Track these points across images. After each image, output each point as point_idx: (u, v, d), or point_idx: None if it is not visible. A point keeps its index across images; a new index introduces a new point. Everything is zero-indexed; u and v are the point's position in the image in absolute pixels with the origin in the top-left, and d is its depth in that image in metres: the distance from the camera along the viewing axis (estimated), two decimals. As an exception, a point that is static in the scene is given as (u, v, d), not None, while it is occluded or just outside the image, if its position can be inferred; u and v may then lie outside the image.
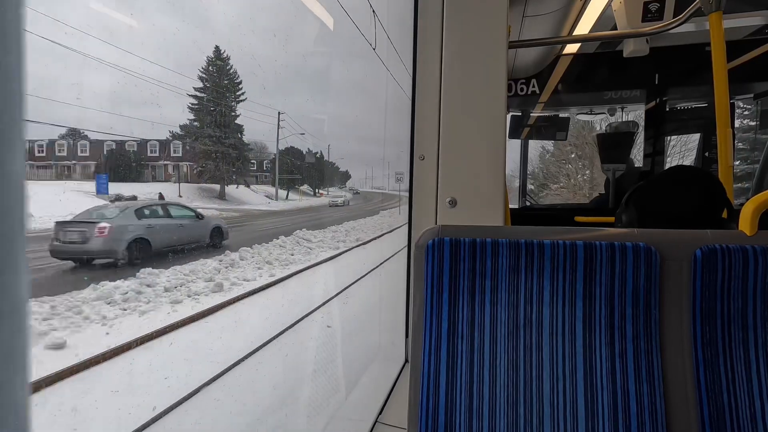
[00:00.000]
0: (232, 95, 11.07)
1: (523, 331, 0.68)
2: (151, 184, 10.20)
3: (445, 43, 1.18)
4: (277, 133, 13.79)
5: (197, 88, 10.46)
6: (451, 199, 1.19)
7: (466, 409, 0.68)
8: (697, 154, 3.08)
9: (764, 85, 2.75)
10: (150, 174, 10.54)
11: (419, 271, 0.73)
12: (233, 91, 11.14)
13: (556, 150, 15.18)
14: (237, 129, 11.40)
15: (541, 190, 15.72)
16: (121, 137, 9.40)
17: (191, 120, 10.40)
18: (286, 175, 18.45)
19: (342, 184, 26.18)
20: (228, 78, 10.80)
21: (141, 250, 4.49)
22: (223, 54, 10.81)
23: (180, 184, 10.60)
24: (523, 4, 2.04)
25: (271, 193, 16.94)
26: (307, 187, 23.32)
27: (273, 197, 16.69)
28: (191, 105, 10.38)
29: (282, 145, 16.41)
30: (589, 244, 0.67)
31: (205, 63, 10.57)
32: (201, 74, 10.75)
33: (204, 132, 10.69)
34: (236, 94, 11.42)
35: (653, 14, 1.81)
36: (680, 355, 0.65)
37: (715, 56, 1.49)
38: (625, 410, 0.64)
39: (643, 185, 1.32)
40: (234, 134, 11.27)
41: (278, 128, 13.76)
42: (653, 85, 2.81)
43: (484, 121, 1.16)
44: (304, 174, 21.41)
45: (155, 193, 9.61)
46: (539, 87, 3.02)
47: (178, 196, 10.64)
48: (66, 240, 3.98)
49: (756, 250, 0.64)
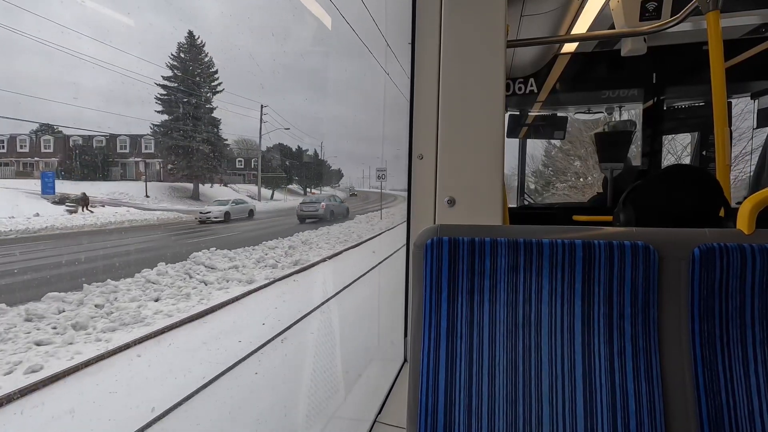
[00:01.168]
0: (206, 85, 10.16)
1: (522, 330, 0.68)
2: (119, 183, 9.44)
3: (443, 42, 1.18)
4: (259, 128, 12.73)
5: (166, 77, 9.46)
6: (450, 199, 1.19)
7: (466, 409, 0.68)
8: (694, 153, 3.09)
9: (761, 84, 2.76)
10: (118, 172, 9.64)
11: (418, 271, 0.73)
12: (208, 81, 10.21)
13: (565, 144, 13.88)
14: (212, 122, 10.42)
15: (546, 189, 14.50)
16: (89, 132, 8.54)
17: (158, 111, 9.40)
18: (271, 173, 17.93)
19: (335, 182, 25.75)
20: (202, 66, 9.82)
21: (331, 216, 11.42)
22: (197, 40, 9.83)
23: (147, 182, 9.75)
24: (521, 3, 2.05)
25: (255, 193, 16.12)
26: (298, 187, 22.63)
27: (256, 197, 15.86)
28: (159, 96, 9.44)
29: (269, 142, 15.62)
30: (587, 243, 0.67)
31: (175, 49, 9.45)
32: (171, 62, 9.65)
33: (173, 125, 9.73)
34: (211, 85, 10.42)
35: (651, 13, 1.82)
36: (679, 353, 0.65)
37: (713, 55, 1.49)
38: (623, 409, 0.64)
39: (641, 184, 1.32)
40: (208, 128, 10.27)
41: (261, 122, 12.70)
42: (651, 84, 2.81)
43: (483, 120, 1.16)
44: (292, 172, 20.69)
45: (120, 192, 9.03)
46: (537, 86, 3.03)
47: (144, 196, 9.75)
48: (304, 210, 11.19)
49: (754, 248, 0.64)
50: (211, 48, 9.70)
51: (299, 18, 11.22)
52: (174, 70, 9.60)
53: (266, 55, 11.23)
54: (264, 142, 15.45)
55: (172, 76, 9.57)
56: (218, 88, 10.50)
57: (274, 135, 15.92)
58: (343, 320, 5.07)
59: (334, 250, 8.83)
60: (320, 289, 6.24)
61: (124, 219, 7.71)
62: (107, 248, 6.27)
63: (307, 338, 4.83)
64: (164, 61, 9.26)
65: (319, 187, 24.02)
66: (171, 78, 9.56)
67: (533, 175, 14.51)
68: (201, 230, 9.14)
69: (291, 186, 22.69)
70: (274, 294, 5.69)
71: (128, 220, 7.73)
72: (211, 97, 10.48)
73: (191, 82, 9.70)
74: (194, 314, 4.41)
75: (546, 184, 14.80)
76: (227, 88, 10.45)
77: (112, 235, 7.08)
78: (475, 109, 1.16)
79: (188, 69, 9.73)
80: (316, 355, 4.10)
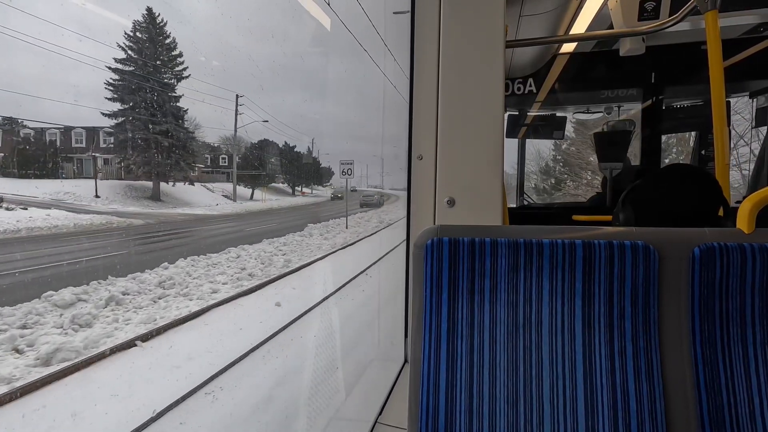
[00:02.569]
0: (168, 70, 8.57)
1: (523, 331, 0.68)
2: (67, 182, 8.11)
3: (443, 42, 1.18)
4: (235, 121, 11.00)
5: (119, 59, 7.99)
6: (450, 199, 1.19)
7: (466, 409, 0.67)
8: (693, 153, 3.10)
9: (760, 83, 2.77)
10: (71, 169, 8.34)
11: (418, 271, 0.73)
12: (170, 66, 8.62)
13: (581, 134, 11.73)
14: (174, 113, 8.81)
15: (557, 188, 12.34)
16: (41, 124, 7.40)
17: (109, 99, 7.93)
18: (251, 170, 16.72)
19: (327, 181, 25.12)
20: (162, 48, 8.20)
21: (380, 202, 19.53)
22: (157, 18, 8.28)
23: (98, 181, 8.46)
24: (520, 3, 2.05)
25: (238, 192, 14.81)
26: (286, 186, 21.58)
27: (232, 196, 14.52)
28: (111, 81, 7.89)
29: (252, 137, 13.98)
30: (587, 243, 0.67)
31: (130, 28, 7.96)
32: (125, 42, 7.96)
33: (127, 115, 8.12)
34: (175, 70, 8.81)
35: (649, 13, 1.82)
36: (679, 352, 0.65)
37: (711, 55, 1.49)
38: (624, 408, 0.64)
39: (640, 184, 1.33)
40: (168, 118, 8.62)
41: (236, 114, 10.94)
42: (650, 83, 2.82)
43: (482, 120, 1.16)
44: (279, 170, 19.82)
45: (66, 191, 7.92)
46: (536, 86, 3.03)
47: (94, 196, 8.43)
48: (365, 200, 19.48)
49: (754, 247, 0.64)
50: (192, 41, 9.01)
51: (297, 19, 11.06)
52: (129, 51, 8.14)
53: (260, 54, 10.93)
54: (247, 138, 14.19)
55: (126, 58, 8.16)
56: (183, 74, 8.99)
57: (264, 131, 15.18)
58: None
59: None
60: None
61: (45, 225, 6.59)
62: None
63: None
64: (117, 41, 7.81)
65: (311, 186, 23.26)
66: (125, 61, 8.14)
67: (541, 172, 12.85)
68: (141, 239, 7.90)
69: (279, 185, 21.70)
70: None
71: (52, 226, 6.69)
72: (175, 84, 8.93)
73: (149, 65, 8.27)
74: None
75: (557, 183, 12.71)
76: (216, 82, 9.60)
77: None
78: (474, 109, 1.16)
79: (145, 51, 8.25)
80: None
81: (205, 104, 10.40)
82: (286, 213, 15.53)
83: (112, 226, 8.08)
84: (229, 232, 10.35)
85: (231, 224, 11.28)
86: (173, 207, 10.42)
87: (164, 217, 9.57)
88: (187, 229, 9.75)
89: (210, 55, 10.40)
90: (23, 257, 5.80)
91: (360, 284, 6.97)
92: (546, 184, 12.90)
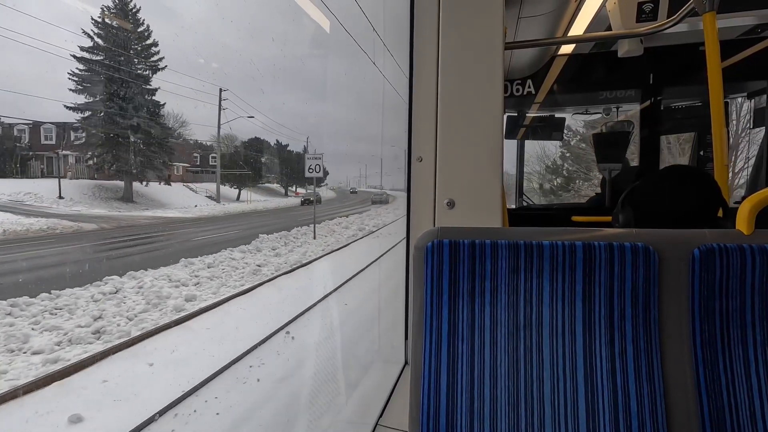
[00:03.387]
0: (142, 61, 7.53)
1: (523, 332, 0.68)
2: (29, 181, 7.15)
3: (442, 45, 1.18)
4: (218, 116, 10.07)
5: (86, 47, 7.08)
6: (449, 201, 1.19)
7: (467, 411, 0.67)
8: (692, 153, 3.10)
9: (758, 84, 2.78)
10: (39, 167, 7.40)
11: (419, 273, 0.73)
12: (145, 56, 7.60)
13: (596, 124, 9.62)
14: (148, 107, 7.82)
15: (566, 188, 10.65)
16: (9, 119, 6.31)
17: (73, 90, 7.01)
18: (237, 170, 15.73)
19: (322, 181, 24.82)
20: (133, 37, 7.11)
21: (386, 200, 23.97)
22: (129, 5, 7.15)
23: (61, 181, 7.57)
24: (518, 5, 2.05)
25: (225, 193, 13.73)
26: (278, 186, 20.51)
27: (216, 197, 13.47)
28: (76, 72, 6.96)
29: (241, 135, 13.21)
30: (588, 244, 0.67)
31: (98, 15, 6.91)
32: (93, 30, 6.89)
33: (95, 109, 7.03)
34: (150, 61, 7.83)
35: (647, 15, 1.83)
36: (680, 354, 0.66)
37: (710, 56, 1.50)
38: (625, 410, 0.64)
39: (639, 185, 1.33)
40: (142, 113, 7.56)
41: (219, 109, 9.94)
42: (648, 84, 2.82)
43: (481, 122, 1.16)
44: (270, 169, 18.93)
45: (26, 191, 7.10)
46: (535, 87, 3.04)
47: (57, 197, 7.62)
48: (375, 197, 25.13)
49: (753, 248, 0.64)
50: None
51: (295, 19, 10.96)
52: (97, 39, 7.12)
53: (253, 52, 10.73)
54: (237, 136, 13.30)
55: (93, 46, 7.24)
56: (159, 65, 7.98)
57: (257, 130, 14.71)
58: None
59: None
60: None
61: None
62: None
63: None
64: (82, 27, 6.75)
65: (305, 186, 22.59)
66: (92, 49, 7.22)
67: (548, 171, 11.51)
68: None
69: (272, 185, 20.58)
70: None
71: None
72: (150, 76, 8.03)
73: (120, 55, 7.28)
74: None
75: (567, 182, 10.95)
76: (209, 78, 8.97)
77: None
78: (473, 111, 1.17)
79: (116, 39, 7.25)
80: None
81: (193, 101, 9.73)
82: (265, 216, 14.44)
83: (55, 232, 7.24)
84: (186, 240, 9.08)
85: (194, 230, 10.16)
86: (145, 209, 9.44)
87: (127, 220, 8.57)
88: (140, 236, 8.52)
89: (200, 51, 10.26)
90: None
91: (271, 354, 4.40)
92: (553, 183, 11.43)
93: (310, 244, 10.10)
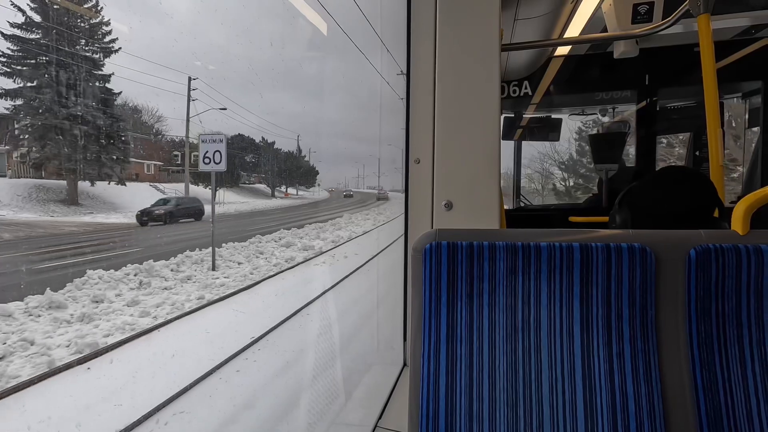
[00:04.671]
0: (92, 42, 6.62)
1: (522, 334, 0.68)
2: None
3: (438, 47, 1.19)
4: (187, 108, 8.51)
5: (16, 24, 5.91)
6: (447, 202, 1.19)
7: (466, 412, 0.68)
8: (688, 154, 3.12)
9: (752, 85, 2.80)
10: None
11: (417, 275, 0.73)
12: (94, 37, 6.64)
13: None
14: (97, 94, 6.87)
15: (585, 188, 8.41)
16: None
17: (1, 74, 5.92)
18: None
19: (311, 182, 23.54)
20: (79, 15, 6.16)
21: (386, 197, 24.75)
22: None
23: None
24: (515, 7, 2.06)
25: (200, 194, 12.30)
26: (265, 186, 19.18)
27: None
28: (5, 52, 5.85)
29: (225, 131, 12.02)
30: (585, 245, 0.68)
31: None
32: (29, 3, 5.90)
33: (29, 96, 6.06)
34: (102, 43, 6.77)
35: (642, 16, 1.84)
36: (677, 354, 0.66)
37: (704, 57, 1.51)
38: (623, 410, 0.64)
39: (636, 186, 1.34)
40: (89, 101, 6.56)
41: (189, 100, 8.43)
42: (644, 85, 2.84)
43: (479, 123, 1.16)
44: (251, 169, 17.06)
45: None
46: (531, 88, 3.05)
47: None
48: (379, 195, 25.78)
49: (749, 249, 0.65)
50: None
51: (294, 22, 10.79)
52: (33, 15, 6.02)
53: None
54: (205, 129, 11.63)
55: (25, 23, 6.10)
56: (113, 47, 6.92)
57: (237, 126, 13.12)
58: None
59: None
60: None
61: None
62: None
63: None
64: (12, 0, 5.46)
65: (296, 186, 21.37)
66: (25, 26, 6.14)
67: (561, 168, 10.11)
68: None
69: (259, 185, 19.13)
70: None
71: None
72: (101, 60, 7.02)
73: (61, 34, 6.25)
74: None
75: (585, 180, 8.90)
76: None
77: None
78: (470, 112, 1.17)
79: (58, 16, 6.27)
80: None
81: (173, 96, 8.81)
82: (227, 220, 12.44)
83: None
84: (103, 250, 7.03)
85: (123, 240, 7.76)
86: (88, 213, 8.09)
87: (48, 227, 6.96)
88: (46, 248, 6.53)
89: (198, 54, 9.95)
90: None
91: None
92: (568, 183, 10.07)
93: (189, 287, 6.23)
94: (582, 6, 2.16)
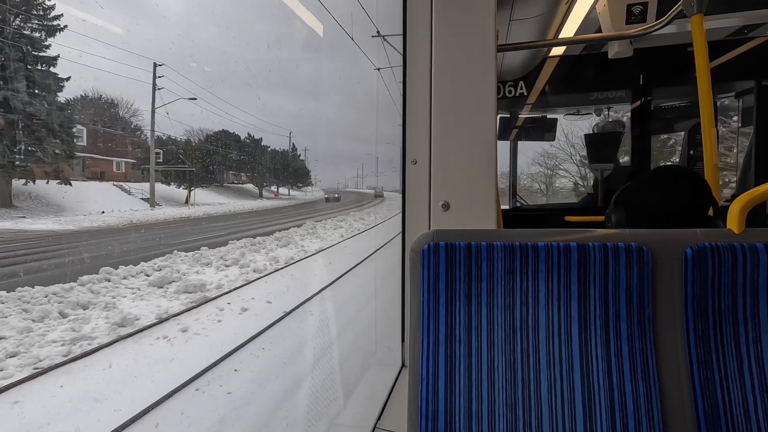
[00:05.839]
0: (29, 15, 5.59)
1: (520, 333, 0.68)
2: None
3: (435, 47, 1.19)
4: (152, 96, 7.51)
5: None
6: (444, 203, 1.19)
7: (466, 413, 0.68)
8: (682, 153, 3.14)
9: (745, 84, 2.82)
10: None
11: (415, 276, 0.73)
12: (31, 12, 5.59)
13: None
14: (33, 78, 5.65)
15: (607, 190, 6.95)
16: None
17: None
18: (180, 165, 12.19)
19: (303, 182, 22.46)
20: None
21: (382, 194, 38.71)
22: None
23: None
24: (510, 7, 2.07)
25: (172, 195, 10.84)
26: (253, 186, 17.01)
27: (151, 200, 10.58)
28: None
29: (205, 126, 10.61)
30: (582, 245, 0.68)
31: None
32: None
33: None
34: (46, 18, 5.78)
35: (636, 17, 1.85)
36: (674, 352, 0.66)
37: (698, 56, 1.52)
38: (622, 409, 0.64)
39: (632, 185, 1.34)
40: (20, 86, 5.39)
41: (154, 88, 7.42)
42: (638, 85, 2.86)
43: (475, 123, 1.16)
44: (233, 166, 15.43)
45: None
46: (527, 89, 3.06)
47: None
48: (377, 192, 41.56)
49: (744, 247, 0.65)
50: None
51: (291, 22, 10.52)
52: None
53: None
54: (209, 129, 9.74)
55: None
56: (58, 23, 5.79)
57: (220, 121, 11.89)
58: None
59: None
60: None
61: None
62: None
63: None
64: None
65: (287, 186, 20.19)
66: None
67: (576, 162, 9.35)
68: None
69: (246, 186, 17.51)
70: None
71: None
72: (43, 37, 5.96)
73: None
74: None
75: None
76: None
77: None
78: (467, 113, 1.17)
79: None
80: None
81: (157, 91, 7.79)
82: (183, 226, 10.90)
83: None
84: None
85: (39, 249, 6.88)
86: (20, 217, 7.02)
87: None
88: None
89: (195, 56, 9.54)
90: None
91: None
92: (586, 183, 8.89)
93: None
94: (576, 7, 2.17)
